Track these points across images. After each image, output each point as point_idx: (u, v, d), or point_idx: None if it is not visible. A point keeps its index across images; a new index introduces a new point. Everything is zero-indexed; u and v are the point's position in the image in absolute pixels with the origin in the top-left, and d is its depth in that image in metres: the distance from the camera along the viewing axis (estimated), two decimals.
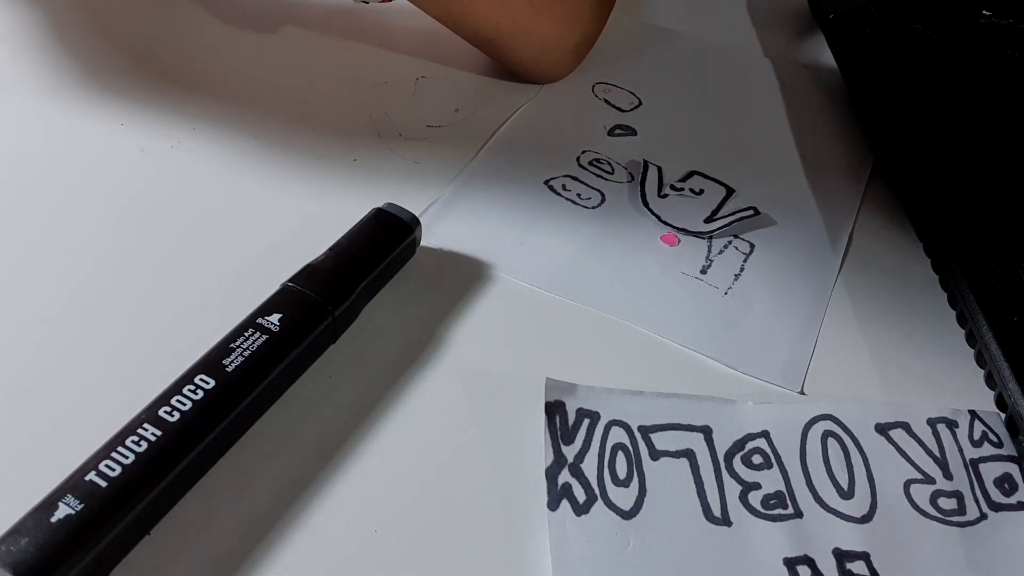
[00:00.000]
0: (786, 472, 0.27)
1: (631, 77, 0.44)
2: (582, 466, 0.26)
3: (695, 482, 0.26)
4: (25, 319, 0.29)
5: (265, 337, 0.26)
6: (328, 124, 0.38)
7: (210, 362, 0.25)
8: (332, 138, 0.38)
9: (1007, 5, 0.46)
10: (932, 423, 0.29)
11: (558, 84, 0.43)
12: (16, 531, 0.21)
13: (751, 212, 0.36)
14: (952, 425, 0.29)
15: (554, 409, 0.27)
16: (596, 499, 0.26)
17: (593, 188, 0.37)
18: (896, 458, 0.28)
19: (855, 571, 0.25)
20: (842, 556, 0.25)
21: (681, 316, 0.32)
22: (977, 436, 0.29)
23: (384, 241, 0.31)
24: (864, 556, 0.25)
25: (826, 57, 0.47)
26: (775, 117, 0.43)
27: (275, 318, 0.27)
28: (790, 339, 0.31)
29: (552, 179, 0.37)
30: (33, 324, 0.29)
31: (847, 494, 0.27)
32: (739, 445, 0.28)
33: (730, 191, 0.38)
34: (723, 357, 0.30)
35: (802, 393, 0.30)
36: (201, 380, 0.25)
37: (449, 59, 0.43)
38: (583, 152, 0.39)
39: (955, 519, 0.27)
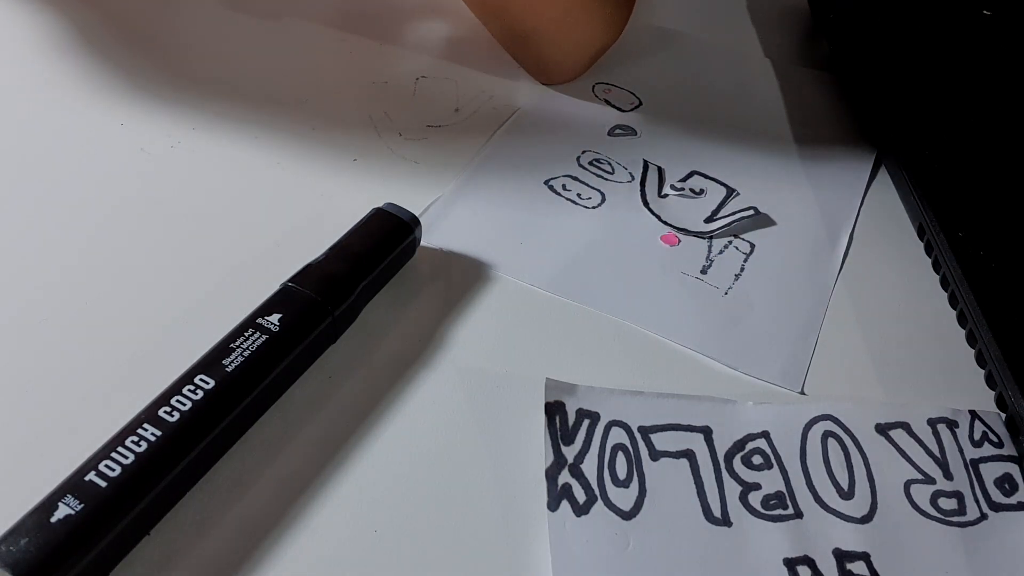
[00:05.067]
0: (786, 472, 0.27)
1: (631, 77, 0.44)
2: (582, 467, 0.26)
3: (695, 482, 0.26)
4: (25, 319, 0.29)
5: (265, 337, 0.26)
6: (328, 124, 0.38)
7: (210, 362, 0.25)
8: (332, 138, 0.38)
9: (1007, 4, 0.46)
10: (932, 423, 0.29)
11: (558, 84, 0.43)
12: (16, 531, 0.21)
13: (751, 212, 0.36)
14: (952, 425, 0.29)
15: (554, 409, 0.27)
16: (596, 499, 0.26)
17: (593, 188, 0.37)
18: (896, 458, 0.28)
19: (855, 571, 0.25)
20: (842, 556, 0.25)
21: (681, 316, 0.32)
22: (977, 436, 0.29)
23: (384, 241, 0.31)
24: (864, 556, 0.25)
25: (826, 57, 0.47)
26: (775, 117, 0.43)
27: (275, 318, 0.27)
28: (790, 339, 0.31)
29: (552, 179, 0.37)
30: (33, 324, 0.29)
31: (847, 494, 0.27)
32: (739, 445, 0.28)
33: (730, 191, 0.38)
34: (723, 357, 0.30)
35: (802, 393, 0.30)
36: (201, 380, 0.25)
37: (449, 59, 0.43)
38: (583, 152, 0.39)
39: (955, 519, 0.27)
